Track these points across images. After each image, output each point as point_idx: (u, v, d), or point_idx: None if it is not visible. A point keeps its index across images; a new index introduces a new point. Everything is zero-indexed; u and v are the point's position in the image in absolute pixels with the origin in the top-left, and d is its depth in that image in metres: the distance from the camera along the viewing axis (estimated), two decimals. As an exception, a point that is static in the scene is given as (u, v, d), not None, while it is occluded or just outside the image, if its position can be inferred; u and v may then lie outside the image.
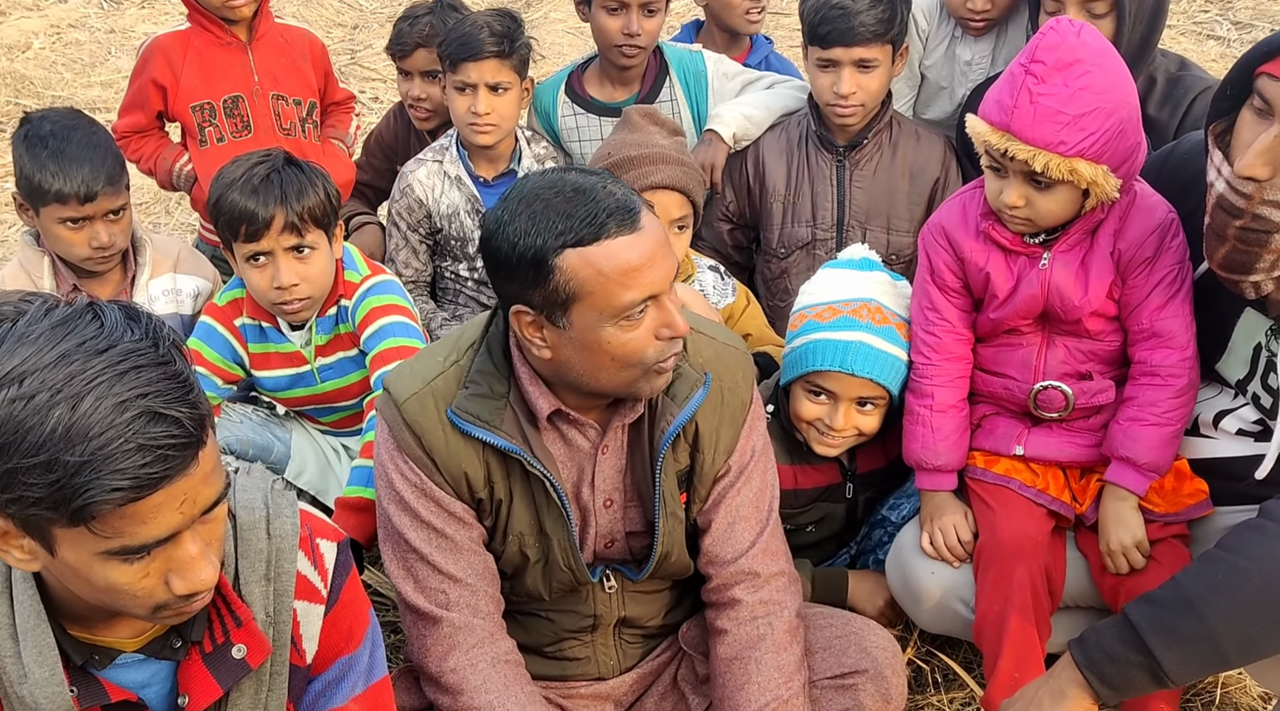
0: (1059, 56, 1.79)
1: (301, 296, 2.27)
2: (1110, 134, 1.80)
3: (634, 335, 1.60)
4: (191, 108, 2.88)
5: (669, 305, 1.61)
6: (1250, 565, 1.52)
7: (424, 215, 2.86)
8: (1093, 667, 1.61)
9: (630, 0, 2.76)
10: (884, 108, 2.65)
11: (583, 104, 2.97)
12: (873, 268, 2.19)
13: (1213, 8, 5.69)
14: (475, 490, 1.74)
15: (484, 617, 1.77)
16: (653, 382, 1.67)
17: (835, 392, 2.10)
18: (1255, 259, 1.70)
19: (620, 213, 1.56)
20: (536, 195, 1.59)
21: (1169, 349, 1.93)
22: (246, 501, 1.39)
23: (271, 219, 2.18)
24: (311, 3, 6.14)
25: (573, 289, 1.56)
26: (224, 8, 2.80)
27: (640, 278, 1.56)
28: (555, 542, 1.77)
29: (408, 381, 1.74)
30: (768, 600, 1.82)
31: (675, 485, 1.80)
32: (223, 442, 2.47)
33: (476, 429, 1.69)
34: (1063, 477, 2.05)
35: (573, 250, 1.55)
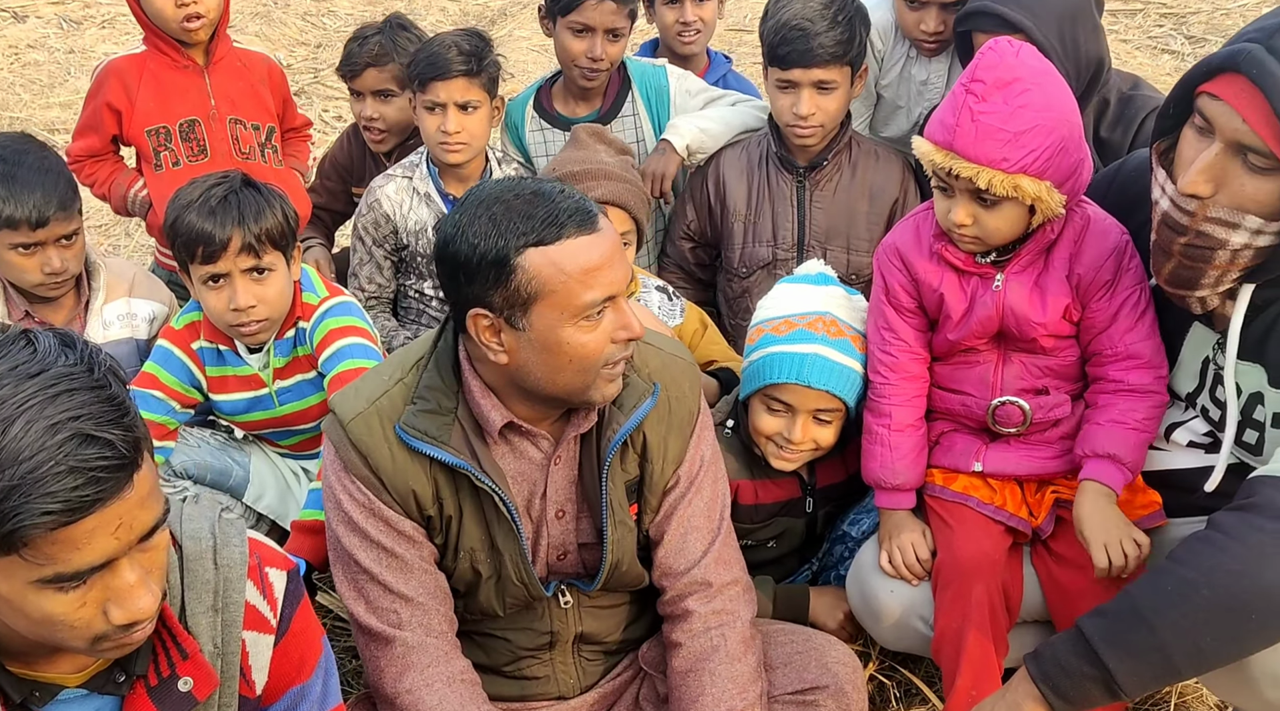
0: (998, 75, 1.82)
1: (259, 318, 2.25)
2: (1052, 150, 1.82)
3: (592, 336, 1.62)
4: (146, 132, 2.85)
5: (625, 308, 1.64)
6: (1199, 577, 1.54)
7: (390, 231, 2.85)
8: (1047, 681, 1.62)
9: (596, 25, 2.78)
10: (843, 128, 2.68)
11: (549, 119, 2.99)
12: (828, 282, 2.21)
13: (1167, 23, 5.79)
14: (424, 508, 1.74)
15: (438, 636, 1.76)
16: (604, 389, 1.68)
17: (792, 405, 2.11)
18: (1200, 275, 1.73)
19: (579, 214, 1.60)
20: (496, 198, 1.62)
21: (1144, 369, 1.96)
22: (192, 531, 1.38)
23: (229, 240, 2.17)
24: (274, 22, 6.13)
25: (534, 288, 1.58)
26: (180, 30, 2.78)
27: (600, 277, 1.59)
28: (507, 557, 1.77)
29: (353, 401, 1.74)
30: (721, 610, 1.83)
31: (623, 494, 1.81)
32: (179, 467, 2.44)
33: (424, 445, 1.69)
34: (1019, 493, 2.07)
35: (534, 249, 1.57)
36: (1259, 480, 1.59)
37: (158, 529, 1.18)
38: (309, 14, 6.30)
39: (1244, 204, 1.63)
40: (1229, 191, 1.64)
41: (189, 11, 2.74)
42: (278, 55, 5.82)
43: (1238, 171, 1.63)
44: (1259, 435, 1.81)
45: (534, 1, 6.13)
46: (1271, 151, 1.57)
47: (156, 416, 2.37)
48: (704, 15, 3.18)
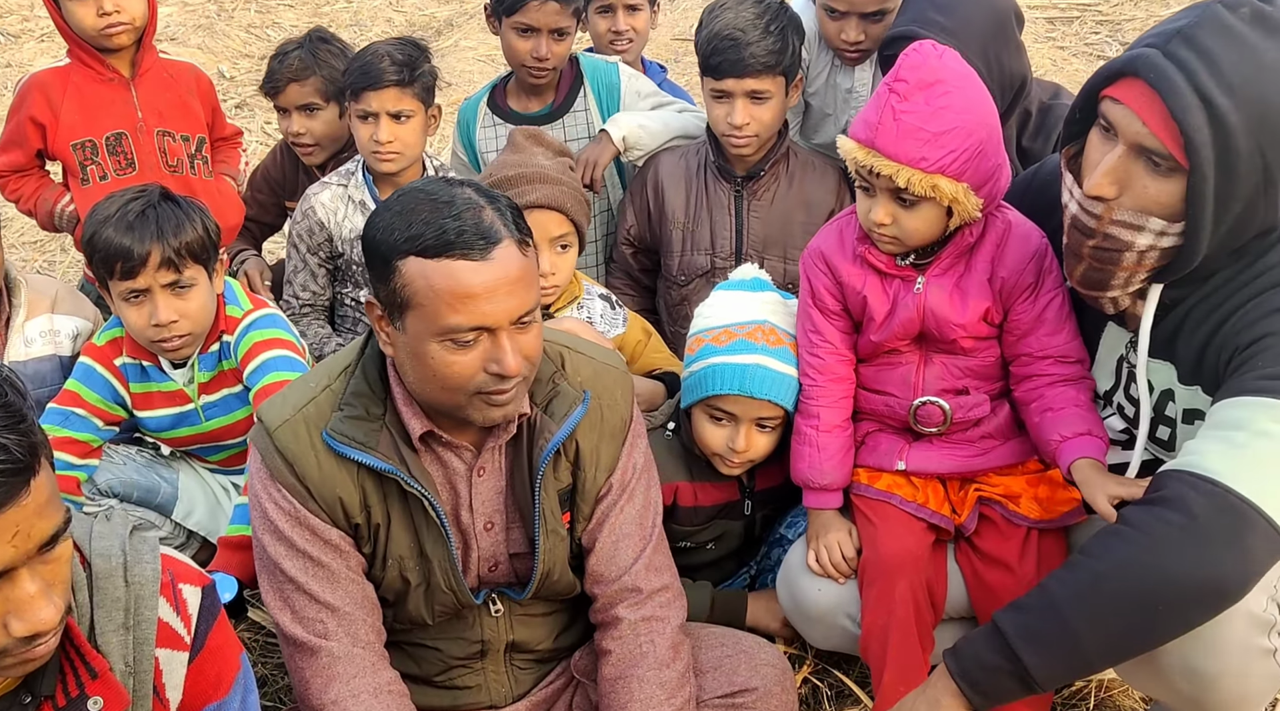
0: (921, 76, 1.85)
1: (181, 333, 2.23)
2: (970, 152, 1.85)
3: (459, 359, 1.59)
4: (72, 145, 2.82)
5: (506, 343, 1.60)
6: (1109, 570, 1.57)
7: (325, 238, 2.84)
8: (965, 676, 1.65)
9: (540, 25, 2.80)
10: (780, 138, 2.70)
11: (502, 115, 3.01)
12: (764, 288, 2.23)
13: (1103, 30, 5.91)
14: (351, 515, 1.73)
15: (364, 647, 1.74)
16: (484, 413, 1.65)
17: (736, 414, 2.13)
18: (1110, 276, 1.77)
19: (473, 236, 1.56)
20: (411, 196, 1.61)
21: (1075, 364, 1.99)
22: (102, 548, 1.36)
23: (148, 255, 2.15)
24: (217, 34, 6.08)
25: (407, 295, 1.58)
26: (101, 38, 2.75)
27: (472, 306, 1.56)
28: (436, 564, 1.77)
29: (279, 409, 1.73)
30: (650, 616, 1.83)
31: (556, 503, 1.80)
32: (104, 485, 2.41)
33: (352, 450, 1.68)
34: (942, 490, 2.10)
35: (414, 258, 1.57)
36: (1166, 474, 1.63)
37: (58, 538, 1.17)
38: (253, 26, 6.25)
39: (1147, 206, 1.67)
40: (1132, 193, 1.68)
41: (110, 20, 2.71)
42: (220, 67, 5.77)
43: (1140, 173, 1.67)
44: (1171, 431, 1.86)
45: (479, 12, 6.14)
46: (1170, 153, 1.61)
47: (80, 434, 2.34)
48: (636, 25, 3.20)
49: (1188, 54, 1.59)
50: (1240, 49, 1.58)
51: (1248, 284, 1.71)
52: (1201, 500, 1.55)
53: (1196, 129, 1.57)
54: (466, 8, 6.36)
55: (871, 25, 2.73)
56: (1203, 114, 1.57)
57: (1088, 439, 1.90)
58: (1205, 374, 1.75)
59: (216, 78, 5.66)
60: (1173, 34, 1.62)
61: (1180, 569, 1.54)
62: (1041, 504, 2.03)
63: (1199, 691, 1.70)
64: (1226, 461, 1.57)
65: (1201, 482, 1.56)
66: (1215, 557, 1.52)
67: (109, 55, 2.81)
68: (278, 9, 6.47)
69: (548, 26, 2.79)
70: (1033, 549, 2.00)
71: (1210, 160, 1.58)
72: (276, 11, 6.43)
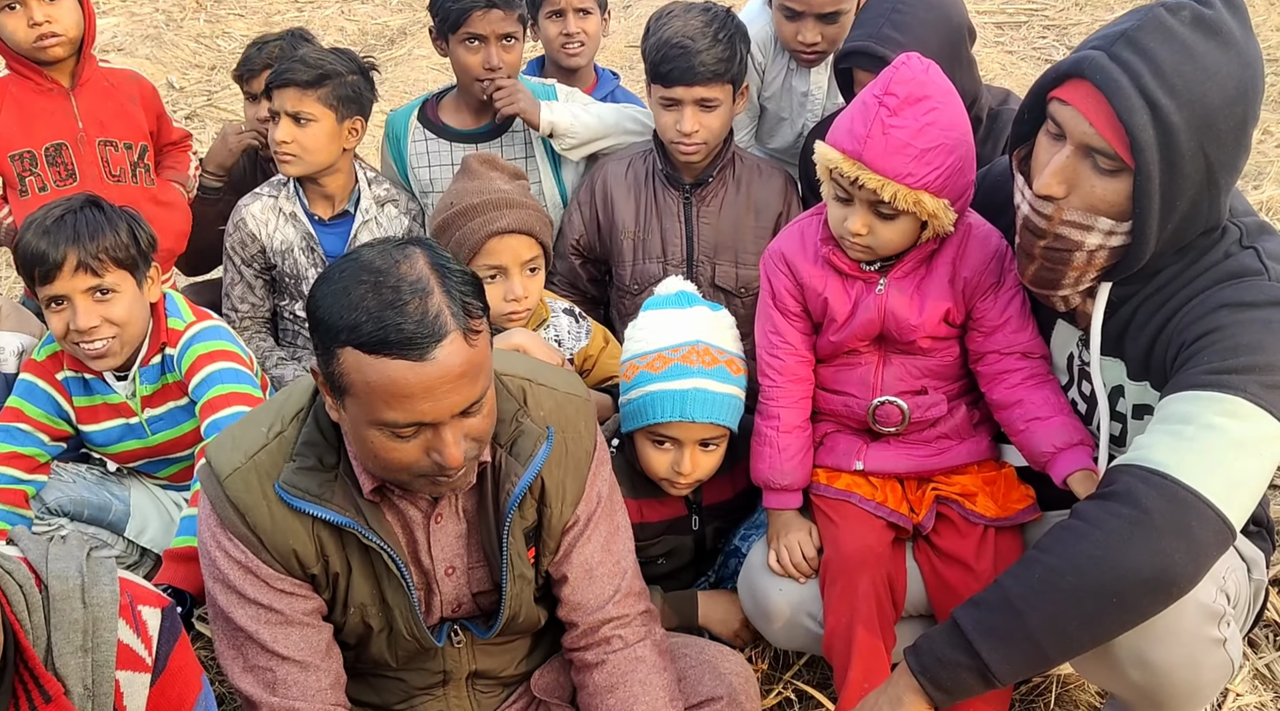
0: (910, 91, 1.84)
1: (103, 338, 2.18)
2: (952, 169, 1.87)
3: (399, 445, 1.54)
4: (10, 156, 2.77)
5: (447, 436, 1.53)
6: (1063, 564, 1.59)
7: (257, 250, 2.81)
8: (925, 672, 1.66)
9: (487, 33, 2.78)
10: (726, 145, 2.71)
11: (435, 129, 2.97)
12: (692, 303, 2.20)
13: (1050, 34, 6.02)
14: (307, 566, 1.68)
15: (311, 699, 1.69)
16: (433, 489, 1.62)
17: (679, 439, 2.13)
18: (1061, 276, 1.80)
19: (414, 333, 1.46)
20: (355, 273, 1.51)
21: (1041, 360, 2.01)
22: (59, 570, 1.34)
23: (63, 260, 2.11)
24: (166, 44, 6.00)
25: (344, 383, 1.51)
26: (34, 50, 2.70)
27: (408, 405, 1.49)
28: (398, 612, 1.74)
29: (229, 454, 1.67)
30: (638, 631, 1.83)
31: (523, 545, 1.77)
32: (54, 504, 2.36)
33: (307, 504, 1.63)
34: (900, 490, 2.11)
35: (352, 349, 1.48)
36: (1117, 469, 1.65)
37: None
38: (202, 36, 6.18)
39: (1095, 205, 1.70)
40: (1080, 193, 1.71)
41: (42, 31, 2.66)
42: (169, 78, 5.69)
43: (1088, 173, 1.70)
44: (1122, 426, 1.89)
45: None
46: (1116, 153, 1.65)
47: (25, 449, 2.30)
48: (587, 28, 3.20)
49: (1131, 56, 1.62)
50: (1181, 51, 1.62)
51: (1192, 280, 1.74)
52: (1151, 493, 1.57)
53: (1141, 129, 1.60)
54: (419, 16, 6.33)
55: (827, 27, 2.76)
56: (1147, 114, 1.60)
57: (1080, 449, 1.92)
58: (1153, 369, 1.78)
59: (165, 88, 5.58)
60: (1117, 37, 1.66)
61: (1131, 561, 1.55)
62: (997, 502, 2.05)
63: (1152, 682, 1.72)
64: (1174, 454, 1.59)
65: (1151, 476, 1.59)
66: (1165, 549, 1.54)
67: (46, 67, 2.76)
68: (227, 19, 6.40)
69: (495, 33, 2.78)
70: (989, 547, 2.02)
71: (1155, 160, 1.61)
72: (226, 21, 6.37)
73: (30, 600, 1.29)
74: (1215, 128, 1.62)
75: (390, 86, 5.51)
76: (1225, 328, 1.66)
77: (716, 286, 2.75)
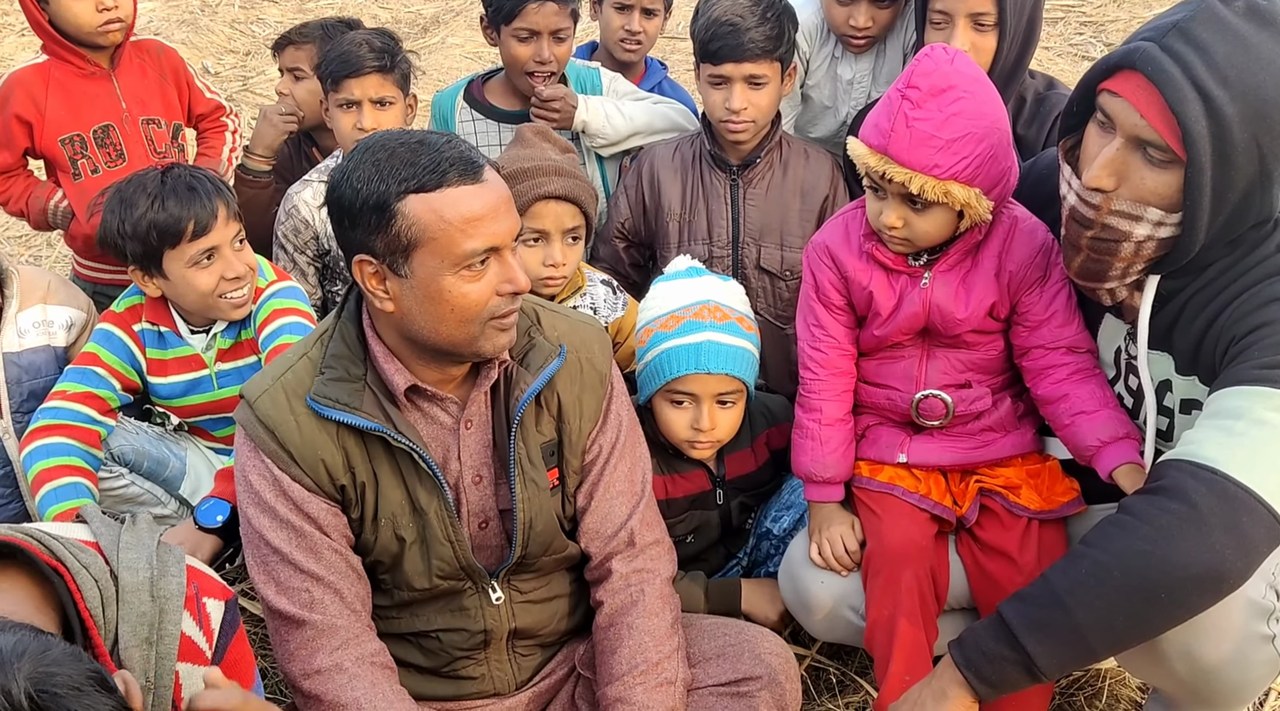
0: (933, 82, 1.84)
1: (248, 284, 2.33)
2: (982, 158, 1.86)
3: (475, 287, 1.62)
4: (60, 141, 2.81)
5: (511, 261, 1.65)
6: (1110, 560, 1.58)
7: (310, 236, 2.83)
8: (970, 666, 1.66)
9: (540, 28, 2.79)
10: (774, 127, 2.72)
11: (483, 110, 2.99)
12: (701, 273, 2.27)
13: (1086, 30, 5.95)
14: (336, 477, 1.73)
15: (349, 618, 1.75)
16: (494, 340, 1.69)
17: (696, 394, 2.15)
18: (1108, 267, 1.78)
19: (462, 163, 1.60)
20: (381, 145, 1.62)
21: (1087, 354, 2.00)
22: (130, 562, 1.35)
23: (216, 211, 2.23)
24: (201, 29, 6.04)
25: (414, 234, 1.59)
26: (97, 34, 2.74)
27: (481, 227, 1.59)
28: (431, 514, 1.77)
29: (259, 382, 1.76)
30: (641, 568, 1.87)
31: (538, 454, 1.82)
32: (117, 451, 2.43)
33: (336, 412, 1.69)
34: (944, 482, 2.11)
35: (415, 196, 1.58)
36: (1166, 464, 1.64)
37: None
38: (237, 22, 6.21)
39: (1145, 197, 1.69)
40: (1130, 185, 1.69)
41: (110, 16, 2.70)
42: (204, 63, 5.73)
43: (1138, 165, 1.68)
44: (1169, 421, 1.87)
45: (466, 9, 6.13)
46: (1168, 145, 1.63)
47: (99, 391, 2.38)
48: (649, 29, 3.21)
49: (1184, 47, 1.60)
50: (1235, 41, 1.60)
51: (1244, 274, 1.72)
52: (1201, 488, 1.56)
53: (1194, 121, 1.58)
54: (453, 5, 6.34)
55: (879, 10, 2.75)
56: (1200, 106, 1.58)
57: (1126, 443, 1.91)
58: (1202, 364, 1.77)
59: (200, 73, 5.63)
60: (1169, 28, 1.64)
61: (1180, 557, 1.55)
62: (1042, 495, 2.05)
63: (1198, 678, 1.72)
64: (1225, 450, 1.58)
65: (1201, 471, 1.58)
66: (1215, 545, 1.53)
67: (92, 51, 2.79)
68: (262, 4, 6.43)
69: (548, 29, 2.79)
70: (1033, 539, 2.01)
71: (1207, 152, 1.60)
72: (261, 7, 6.39)
73: (105, 595, 1.31)
74: (1269, 119, 1.60)
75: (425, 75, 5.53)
76: (1277, 322, 1.65)
77: (761, 269, 2.76)
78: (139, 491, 2.46)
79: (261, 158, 3.01)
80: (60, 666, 0.97)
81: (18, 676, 0.93)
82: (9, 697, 0.92)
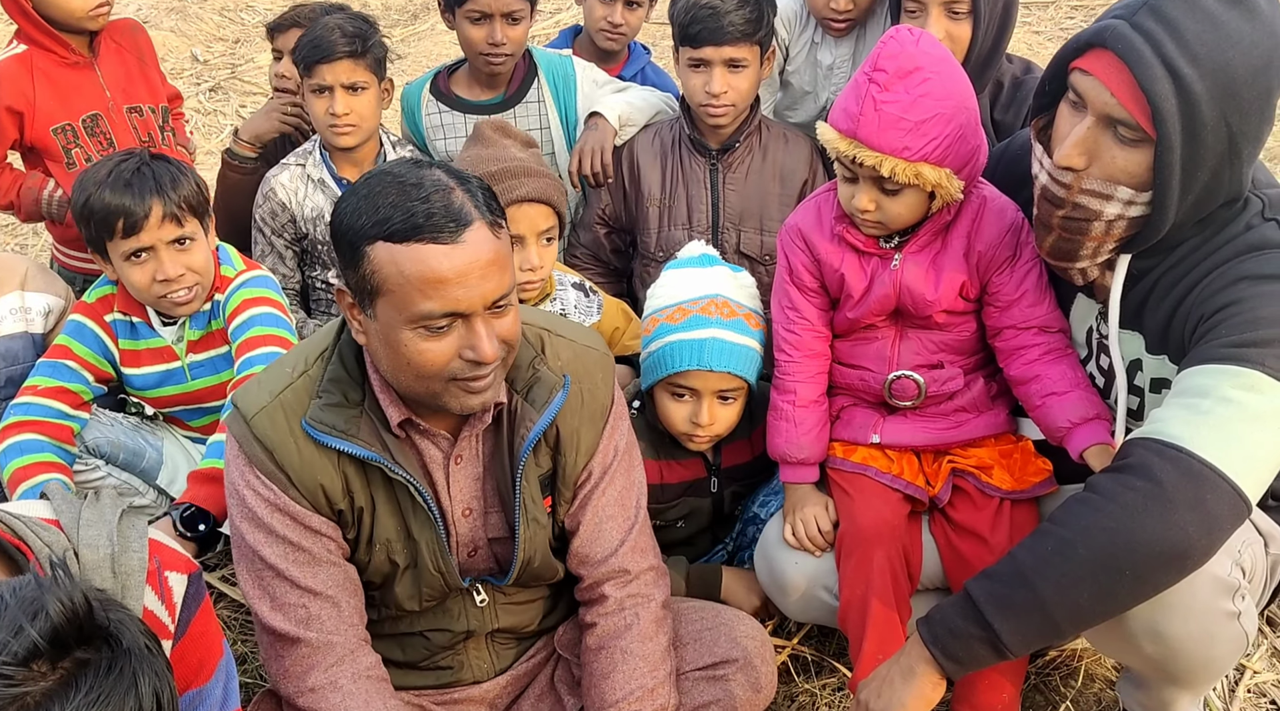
0: (899, 64, 1.84)
1: (188, 286, 2.26)
2: (951, 138, 1.86)
3: (433, 346, 1.55)
4: (52, 130, 2.79)
5: (480, 329, 1.55)
6: (1076, 537, 1.58)
7: (287, 219, 2.83)
8: (938, 643, 1.66)
9: (493, 10, 2.78)
10: (753, 111, 2.72)
11: (448, 102, 2.98)
12: (713, 263, 2.24)
13: (1078, 15, 5.94)
14: (334, 502, 1.71)
15: (344, 633, 1.73)
16: (461, 400, 1.61)
17: (697, 390, 2.14)
18: (1079, 246, 1.79)
19: (443, 218, 1.50)
20: (378, 178, 1.56)
21: (1059, 334, 2.01)
22: (90, 539, 1.35)
23: (149, 211, 2.16)
24: (190, 17, 6.02)
25: (376, 282, 1.54)
26: (86, 19, 2.73)
27: (444, 291, 1.51)
28: (423, 546, 1.76)
29: (256, 395, 1.70)
30: (636, 593, 1.84)
31: (538, 490, 1.79)
32: (92, 444, 2.42)
33: (333, 439, 1.65)
34: (916, 463, 2.11)
35: (383, 243, 1.52)
36: (1132, 442, 1.64)
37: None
38: (226, 9, 6.20)
39: (1115, 175, 1.69)
40: (1101, 163, 1.69)
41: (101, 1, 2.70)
42: (194, 50, 5.72)
43: (1109, 144, 1.68)
44: (1140, 400, 1.88)
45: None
46: (1138, 123, 1.63)
47: (71, 385, 2.36)
48: (631, 20, 3.20)
49: (1154, 25, 1.60)
50: (1205, 20, 1.60)
51: (1212, 253, 1.73)
52: (1166, 466, 1.56)
53: (1163, 99, 1.58)
54: (442, -9, 6.32)
55: None
56: (1169, 84, 1.58)
57: (1096, 424, 1.91)
58: (1172, 343, 1.77)
59: (189, 61, 5.61)
60: (1139, 5, 1.64)
61: (1145, 534, 1.55)
62: (1014, 475, 2.05)
63: (1166, 655, 1.72)
64: (1190, 428, 1.58)
65: (1166, 449, 1.58)
66: (1178, 522, 1.54)
67: (70, 36, 2.78)
68: (251, -8, 6.41)
69: (500, 11, 2.78)
70: (1005, 519, 2.02)
71: (1177, 130, 1.60)
72: (250, -5, 6.37)
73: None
74: (1239, 97, 1.60)
75: (412, 61, 5.52)
76: (1245, 300, 1.65)
77: (741, 253, 2.76)
78: (116, 483, 2.46)
79: (248, 144, 2.98)
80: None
81: (72, 589, 1.01)
82: (70, 601, 0.99)
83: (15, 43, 2.82)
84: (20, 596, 1.00)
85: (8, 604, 0.99)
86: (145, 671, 1.02)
